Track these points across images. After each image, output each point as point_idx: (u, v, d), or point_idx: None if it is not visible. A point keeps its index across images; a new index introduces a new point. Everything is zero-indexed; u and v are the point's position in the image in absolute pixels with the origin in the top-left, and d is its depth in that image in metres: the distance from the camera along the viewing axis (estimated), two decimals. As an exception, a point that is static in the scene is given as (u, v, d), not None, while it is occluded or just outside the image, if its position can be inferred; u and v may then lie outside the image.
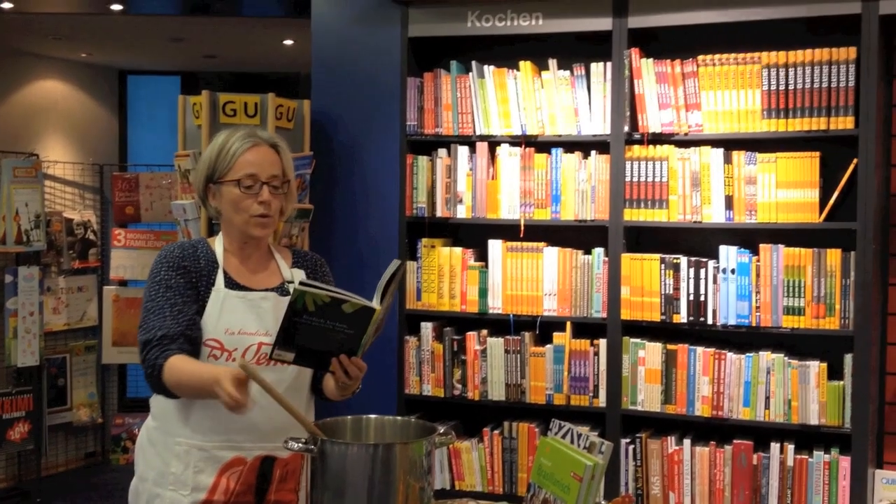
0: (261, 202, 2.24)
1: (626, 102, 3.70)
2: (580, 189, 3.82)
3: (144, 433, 2.36)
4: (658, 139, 3.71)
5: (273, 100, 3.97)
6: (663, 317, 3.70)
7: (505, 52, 4.01)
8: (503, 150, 3.93)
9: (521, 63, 3.89)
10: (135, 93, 7.34)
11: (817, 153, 3.51)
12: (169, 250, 2.29)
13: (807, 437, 3.57)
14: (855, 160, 3.42)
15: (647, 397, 3.72)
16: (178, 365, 2.14)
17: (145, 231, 6.33)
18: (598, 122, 3.79)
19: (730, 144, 3.63)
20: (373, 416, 2.23)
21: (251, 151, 2.26)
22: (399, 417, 2.28)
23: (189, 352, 2.18)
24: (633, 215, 3.74)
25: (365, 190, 4.33)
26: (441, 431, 2.13)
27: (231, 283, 2.27)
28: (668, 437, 3.70)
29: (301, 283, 1.99)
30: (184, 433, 2.25)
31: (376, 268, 4.15)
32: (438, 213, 4.02)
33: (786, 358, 3.54)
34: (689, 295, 3.66)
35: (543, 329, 3.90)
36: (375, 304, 2.03)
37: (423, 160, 4.02)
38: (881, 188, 3.53)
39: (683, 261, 3.67)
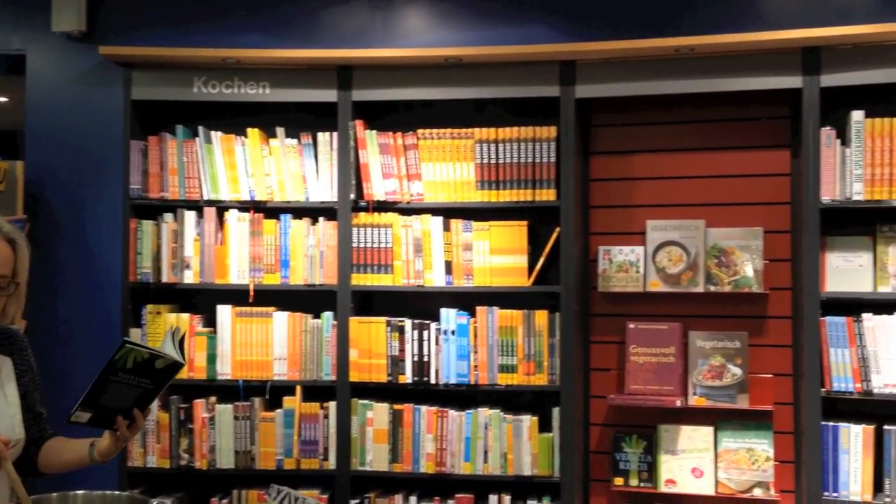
0: None
1: (352, 171, 3.84)
2: (309, 254, 3.89)
3: None
4: (383, 207, 3.87)
5: (-19, 160, 3.75)
6: (390, 378, 3.82)
7: (234, 118, 4.04)
8: (232, 216, 3.93)
9: (249, 130, 3.94)
10: None
11: (525, 222, 3.81)
12: None
13: (522, 488, 3.80)
14: (558, 229, 3.75)
15: (375, 457, 3.81)
16: None
17: None
18: (325, 190, 3.90)
19: (448, 213, 3.86)
20: (80, 491, 2.13)
21: None
22: (110, 492, 2.19)
23: None
24: (360, 280, 3.85)
25: (85, 255, 4.16)
26: (156, 505, 2.08)
27: None
28: (396, 496, 3.80)
29: (126, 342, 1.99)
30: None
31: (98, 334, 4.06)
32: (164, 279, 3.93)
33: (501, 413, 3.76)
34: (413, 356, 3.82)
35: (274, 394, 3.90)
36: (182, 358, 2.09)
37: (147, 225, 3.93)
38: (581, 254, 3.88)
39: (408, 323, 3.83)
